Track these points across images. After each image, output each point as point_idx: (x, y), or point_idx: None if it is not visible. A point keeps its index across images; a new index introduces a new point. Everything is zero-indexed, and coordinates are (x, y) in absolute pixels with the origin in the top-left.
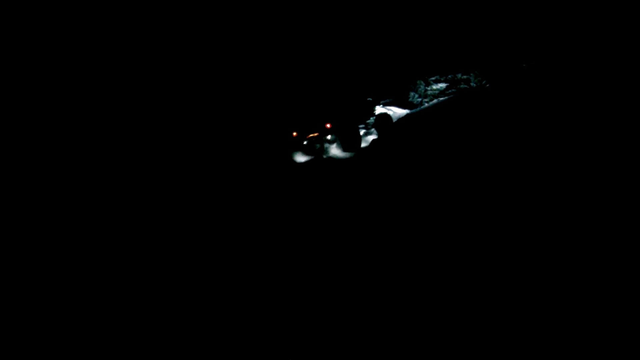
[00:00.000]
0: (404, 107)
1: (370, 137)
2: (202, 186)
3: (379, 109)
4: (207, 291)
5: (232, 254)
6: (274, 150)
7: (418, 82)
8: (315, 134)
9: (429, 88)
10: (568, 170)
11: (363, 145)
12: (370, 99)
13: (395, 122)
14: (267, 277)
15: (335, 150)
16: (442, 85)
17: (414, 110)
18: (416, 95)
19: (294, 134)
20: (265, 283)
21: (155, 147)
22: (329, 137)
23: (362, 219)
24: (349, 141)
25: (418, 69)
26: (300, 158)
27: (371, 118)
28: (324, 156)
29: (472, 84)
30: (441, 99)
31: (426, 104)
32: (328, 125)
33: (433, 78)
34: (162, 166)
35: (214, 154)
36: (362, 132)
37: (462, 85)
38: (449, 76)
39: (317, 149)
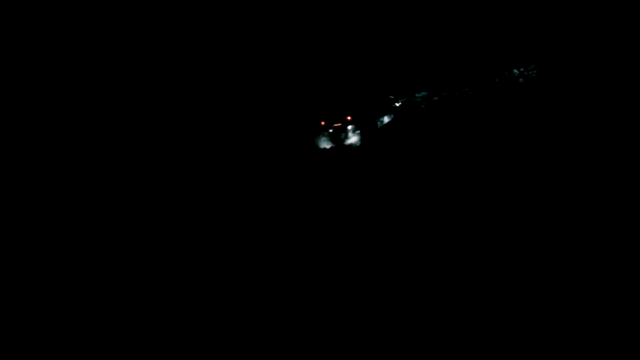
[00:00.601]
0: (386, 114)
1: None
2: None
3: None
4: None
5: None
6: (306, 136)
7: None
8: (339, 124)
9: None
10: (553, 172)
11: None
12: (392, 97)
13: (381, 127)
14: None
15: (354, 138)
16: (424, 93)
17: (395, 116)
18: (398, 103)
19: (322, 123)
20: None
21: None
22: (350, 127)
23: (370, 200)
24: (366, 131)
25: (401, 76)
26: (326, 144)
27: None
28: (345, 142)
29: (455, 92)
30: (423, 106)
31: (407, 111)
32: (349, 118)
33: (416, 86)
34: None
35: (257, 138)
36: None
37: (444, 93)
38: (432, 84)
39: (340, 136)
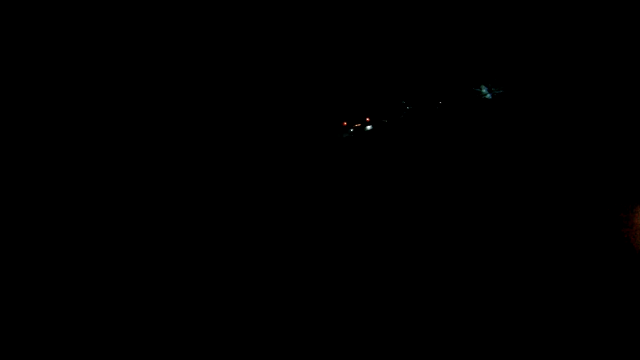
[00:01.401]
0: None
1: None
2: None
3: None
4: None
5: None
6: (328, 134)
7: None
8: (359, 124)
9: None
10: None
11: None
12: (404, 102)
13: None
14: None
15: (372, 136)
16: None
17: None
18: (409, 107)
19: (344, 123)
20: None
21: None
22: (368, 127)
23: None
24: (382, 131)
25: (380, 92)
26: (347, 140)
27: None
28: (364, 140)
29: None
30: (402, 118)
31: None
32: (367, 119)
33: (395, 100)
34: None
35: (284, 137)
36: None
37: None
38: (411, 98)
39: (359, 135)
